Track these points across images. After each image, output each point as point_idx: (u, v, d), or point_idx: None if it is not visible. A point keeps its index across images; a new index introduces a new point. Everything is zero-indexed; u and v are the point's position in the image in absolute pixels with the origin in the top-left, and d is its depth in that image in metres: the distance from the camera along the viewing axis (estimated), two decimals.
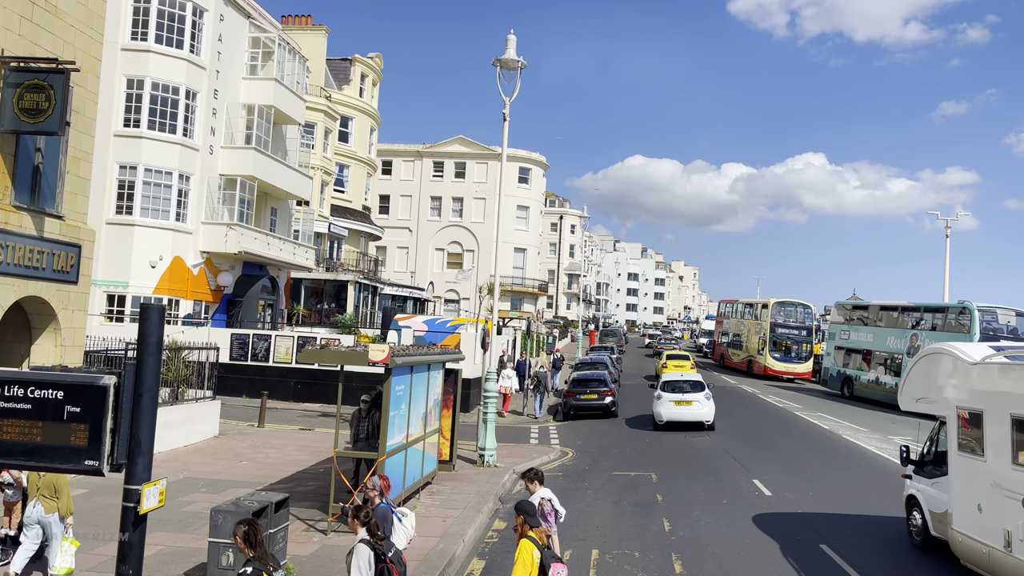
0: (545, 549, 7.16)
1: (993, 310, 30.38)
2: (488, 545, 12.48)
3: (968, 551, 10.85)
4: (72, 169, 14.70)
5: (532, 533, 7.12)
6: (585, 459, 20.32)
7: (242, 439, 20.38)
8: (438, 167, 67.63)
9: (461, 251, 66.46)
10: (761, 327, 46.63)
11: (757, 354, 46.99)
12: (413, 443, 13.75)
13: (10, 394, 5.44)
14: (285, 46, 34.13)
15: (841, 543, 12.67)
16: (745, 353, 49.43)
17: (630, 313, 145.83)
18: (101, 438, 5.34)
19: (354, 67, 48.50)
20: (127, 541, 5.53)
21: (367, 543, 6.97)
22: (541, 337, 54.78)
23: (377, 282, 47.69)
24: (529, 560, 6.90)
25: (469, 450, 19.69)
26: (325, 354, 12.68)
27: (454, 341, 27.24)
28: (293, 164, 35.18)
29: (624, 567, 11.41)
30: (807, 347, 45.81)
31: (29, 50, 13.29)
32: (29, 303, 14.01)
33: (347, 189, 48.34)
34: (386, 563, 7.02)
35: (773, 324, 45.79)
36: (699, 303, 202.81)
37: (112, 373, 5.48)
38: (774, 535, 13.21)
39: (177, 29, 28.53)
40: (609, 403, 28.21)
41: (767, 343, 45.67)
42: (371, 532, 7.09)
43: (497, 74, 19.11)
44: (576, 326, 76.14)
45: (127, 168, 27.90)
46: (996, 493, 10.12)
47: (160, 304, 5.93)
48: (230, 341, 27.88)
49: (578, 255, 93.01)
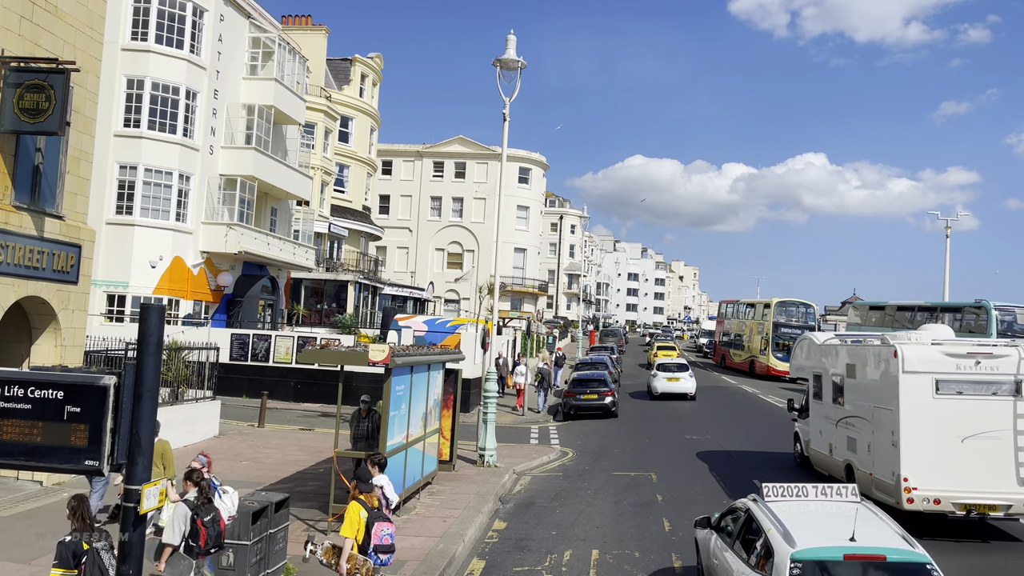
0: (373, 510, 8.24)
1: (1011, 309, 30.37)
2: (488, 545, 12.47)
3: (816, 459, 17.82)
4: (72, 169, 14.70)
5: (362, 496, 8.29)
6: (585, 459, 20.32)
7: (242, 439, 20.39)
8: (438, 167, 67.63)
9: (461, 251, 66.46)
10: (763, 327, 46.42)
11: (759, 354, 46.70)
12: (413, 443, 13.75)
13: (10, 394, 5.44)
14: (285, 46, 34.14)
15: None
16: (747, 353, 49.19)
17: (630, 313, 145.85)
18: (101, 438, 5.34)
19: (354, 67, 48.51)
20: (127, 541, 5.53)
21: (188, 502, 8.22)
22: (541, 337, 54.79)
23: (377, 282, 47.69)
24: (356, 518, 7.99)
25: (469, 450, 19.69)
26: (325, 354, 12.68)
27: (454, 341, 27.24)
28: (293, 164, 35.19)
29: (624, 567, 11.41)
30: None
31: (29, 50, 13.29)
32: (29, 303, 14.01)
33: (347, 189, 48.34)
34: (197, 524, 8.13)
35: (776, 324, 45.52)
36: (699, 303, 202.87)
37: (112, 373, 5.48)
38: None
39: (177, 29, 28.53)
40: (609, 403, 28.19)
41: (770, 343, 45.34)
42: (201, 492, 8.37)
43: (497, 74, 19.12)
44: (576, 326, 76.12)
45: (127, 168, 27.90)
46: (826, 421, 17.00)
47: (160, 304, 5.92)
48: (230, 341, 27.87)
49: (578, 255, 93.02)
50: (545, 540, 12.72)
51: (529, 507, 15.09)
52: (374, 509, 8.28)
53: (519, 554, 11.98)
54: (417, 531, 12.55)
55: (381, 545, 8.02)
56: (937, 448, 13.04)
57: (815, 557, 7.34)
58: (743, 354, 49.93)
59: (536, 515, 14.43)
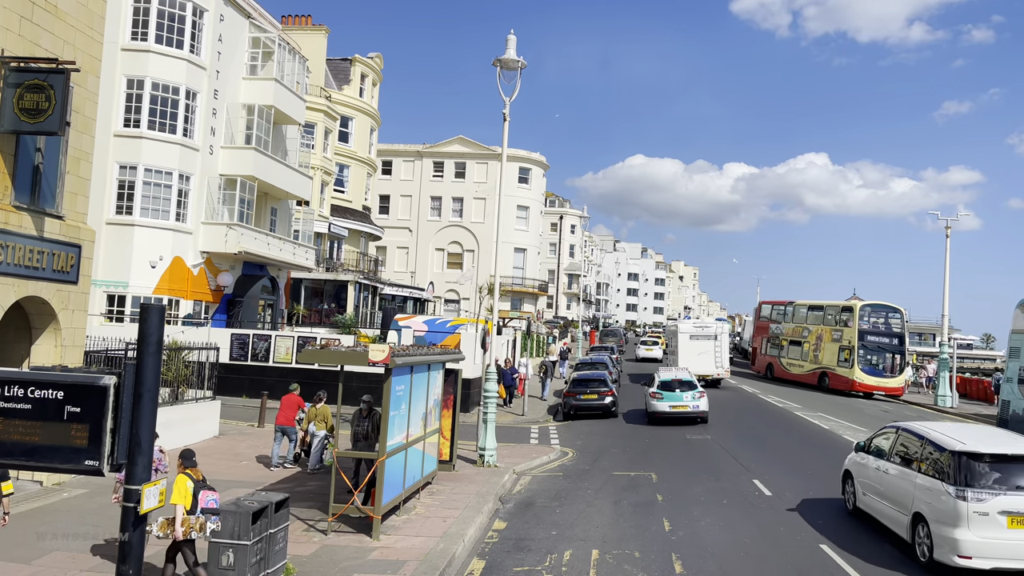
0: (198, 481, 9.37)
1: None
2: (488, 545, 12.47)
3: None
4: (72, 169, 14.70)
5: (188, 471, 9.37)
6: (585, 459, 20.32)
7: (242, 439, 20.38)
8: (438, 167, 67.63)
9: (461, 251, 66.46)
10: (844, 334, 40.01)
11: (838, 366, 39.99)
12: (413, 443, 13.75)
13: (10, 394, 5.44)
14: (285, 46, 34.13)
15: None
16: (813, 364, 42.33)
17: (630, 313, 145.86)
18: (101, 438, 5.35)
19: (354, 67, 48.51)
20: (127, 541, 5.54)
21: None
22: (541, 337, 54.87)
23: (377, 282, 47.69)
24: (184, 489, 9.13)
25: (469, 450, 19.69)
26: (325, 354, 12.68)
27: (454, 341, 27.24)
28: (293, 164, 35.19)
29: (624, 567, 11.41)
30: (900, 358, 39.45)
31: (29, 50, 13.29)
32: (29, 303, 14.02)
33: (347, 189, 48.34)
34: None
35: (862, 331, 39.26)
36: (699, 303, 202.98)
37: (112, 373, 5.49)
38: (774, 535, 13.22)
39: (177, 29, 28.52)
40: (609, 403, 28.20)
41: (854, 353, 39.00)
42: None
43: (497, 74, 19.12)
44: (576, 326, 76.12)
45: (127, 168, 27.89)
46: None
47: (160, 304, 5.93)
48: (230, 341, 27.88)
49: (578, 255, 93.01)
50: (545, 540, 12.72)
51: (529, 507, 15.09)
52: (199, 480, 9.40)
53: (519, 554, 11.98)
54: (417, 531, 12.55)
55: (207, 508, 9.20)
56: (689, 356, 38.14)
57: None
58: (806, 364, 43.10)
59: (536, 515, 14.43)
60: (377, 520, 12.04)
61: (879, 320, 40.48)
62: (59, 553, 10.63)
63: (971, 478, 10.80)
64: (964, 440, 11.53)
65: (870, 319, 40.22)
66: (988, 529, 10.50)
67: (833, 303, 43.37)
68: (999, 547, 10.46)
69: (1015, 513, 10.51)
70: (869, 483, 13.74)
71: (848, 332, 39.81)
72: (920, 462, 12.02)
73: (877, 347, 39.51)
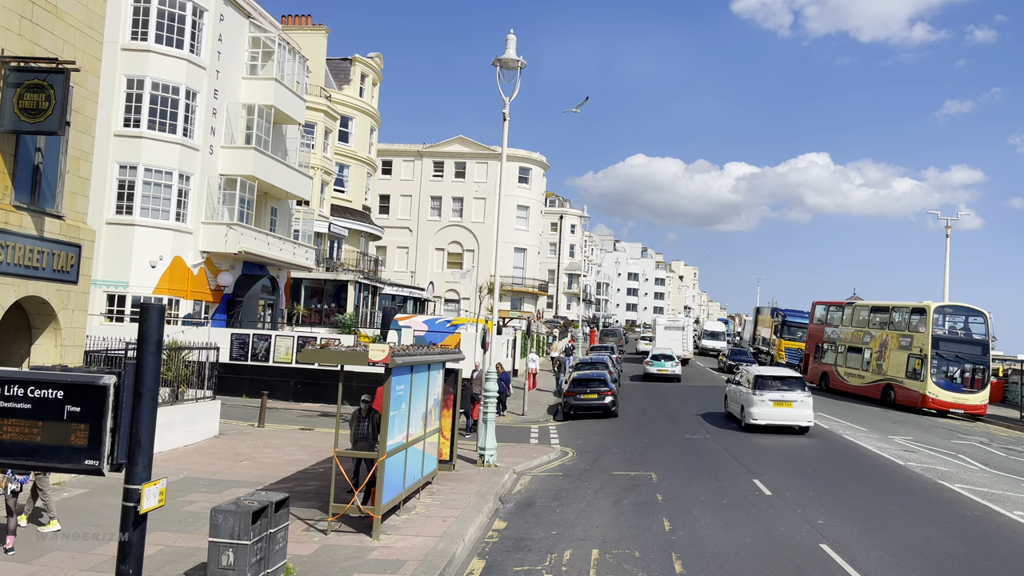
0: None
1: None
2: (488, 545, 12.47)
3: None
4: (72, 169, 14.70)
5: None
6: (585, 459, 20.31)
7: (242, 439, 20.38)
8: (438, 167, 67.63)
9: (461, 251, 66.45)
10: (915, 341, 34.60)
11: (907, 378, 34.67)
12: (413, 443, 13.75)
13: (10, 394, 5.44)
14: (285, 46, 34.13)
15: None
16: (877, 375, 36.95)
17: (630, 313, 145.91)
18: (101, 438, 5.35)
19: (354, 67, 48.51)
20: (127, 541, 5.54)
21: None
22: (541, 337, 54.91)
23: (377, 282, 47.69)
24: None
25: (469, 450, 19.69)
26: (325, 354, 12.67)
27: (454, 341, 27.26)
28: (293, 164, 35.19)
29: (624, 567, 11.40)
30: (983, 371, 33.71)
31: (29, 50, 13.28)
32: (29, 303, 14.01)
33: (347, 189, 48.35)
34: None
35: (937, 338, 33.74)
36: (699, 303, 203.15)
37: (112, 373, 5.49)
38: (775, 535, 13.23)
39: (177, 29, 28.53)
40: (609, 403, 28.19)
41: (927, 364, 33.45)
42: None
43: (497, 74, 19.11)
44: (576, 326, 76.09)
45: (127, 168, 27.90)
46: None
47: (160, 304, 5.93)
48: (230, 341, 27.88)
49: (578, 255, 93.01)
50: (545, 540, 12.72)
51: (529, 507, 15.09)
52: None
53: (519, 554, 11.98)
54: (417, 531, 12.55)
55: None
56: (664, 341, 55.88)
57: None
58: (868, 375, 37.80)
59: (536, 515, 14.43)
60: (377, 520, 12.04)
61: (957, 324, 35.06)
62: (59, 553, 10.63)
63: (759, 386, 24.72)
64: (759, 371, 26.00)
65: (946, 323, 34.81)
66: (763, 407, 24.42)
67: (901, 304, 37.39)
68: (767, 414, 24.39)
69: (775, 400, 24.34)
70: (731, 397, 27.88)
71: (919, 338, 34.35)
72: (746, 383, 25.78)
73: (955, 356, 33.84)
